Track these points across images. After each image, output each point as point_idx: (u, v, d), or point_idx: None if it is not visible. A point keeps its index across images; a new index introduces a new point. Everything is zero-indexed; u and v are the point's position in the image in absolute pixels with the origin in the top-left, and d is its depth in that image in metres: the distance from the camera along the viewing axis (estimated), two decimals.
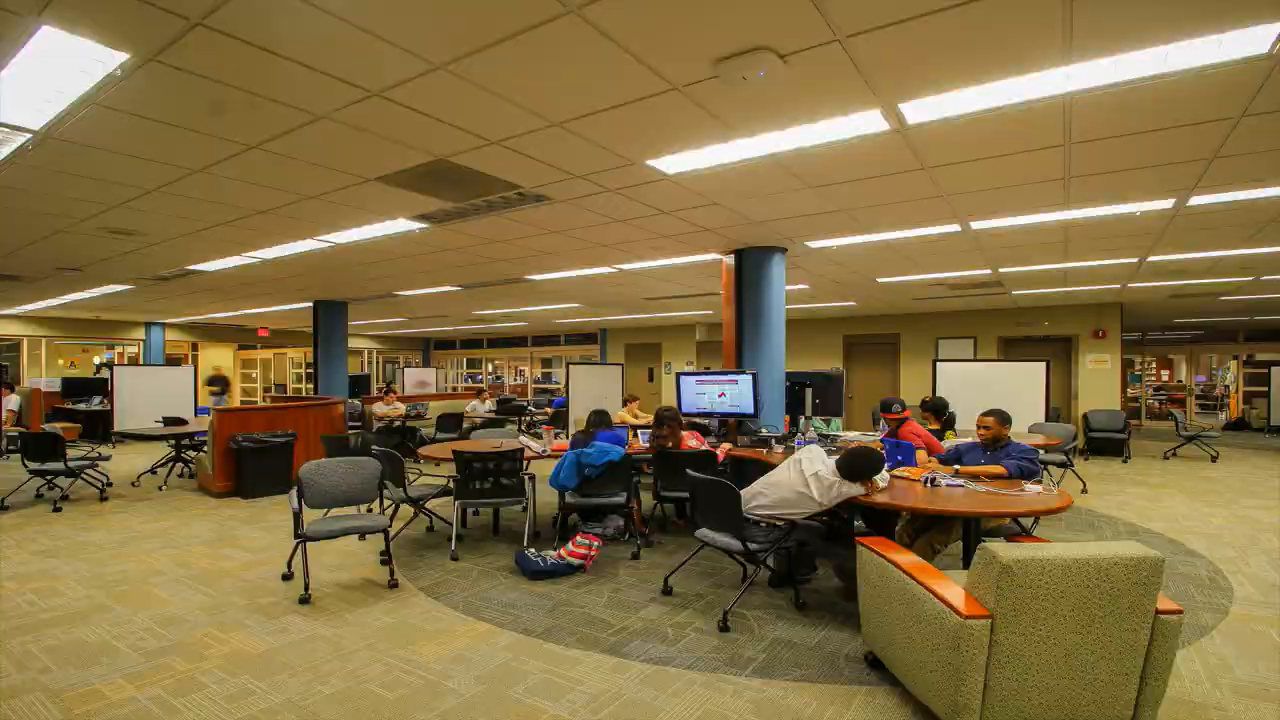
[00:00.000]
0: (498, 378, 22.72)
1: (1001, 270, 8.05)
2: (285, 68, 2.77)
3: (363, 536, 5.18)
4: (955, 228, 5.70)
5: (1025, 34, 2.53)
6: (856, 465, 3.62)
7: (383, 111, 3.23)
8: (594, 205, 5.00)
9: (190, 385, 9.92)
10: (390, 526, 4.34)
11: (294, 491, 4.14)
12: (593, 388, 9.11)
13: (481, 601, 3.98)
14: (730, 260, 6.77)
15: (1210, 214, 5.19)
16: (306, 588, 4.00)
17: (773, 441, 5.80)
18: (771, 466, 4.20)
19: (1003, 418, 4.32)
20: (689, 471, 4.09)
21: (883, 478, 3.76)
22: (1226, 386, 18.80)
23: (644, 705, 2.79)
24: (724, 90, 3.01)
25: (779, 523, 3.82)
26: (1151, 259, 7.19)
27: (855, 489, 3.62)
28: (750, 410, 6.24)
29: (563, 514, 5.28)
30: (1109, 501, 6.95)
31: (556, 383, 19.42)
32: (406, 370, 16.26)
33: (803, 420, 6.33)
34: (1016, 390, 8.20)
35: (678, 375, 7.08)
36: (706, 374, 6.82)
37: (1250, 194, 4.63)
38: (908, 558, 2.87)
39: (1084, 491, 7.42)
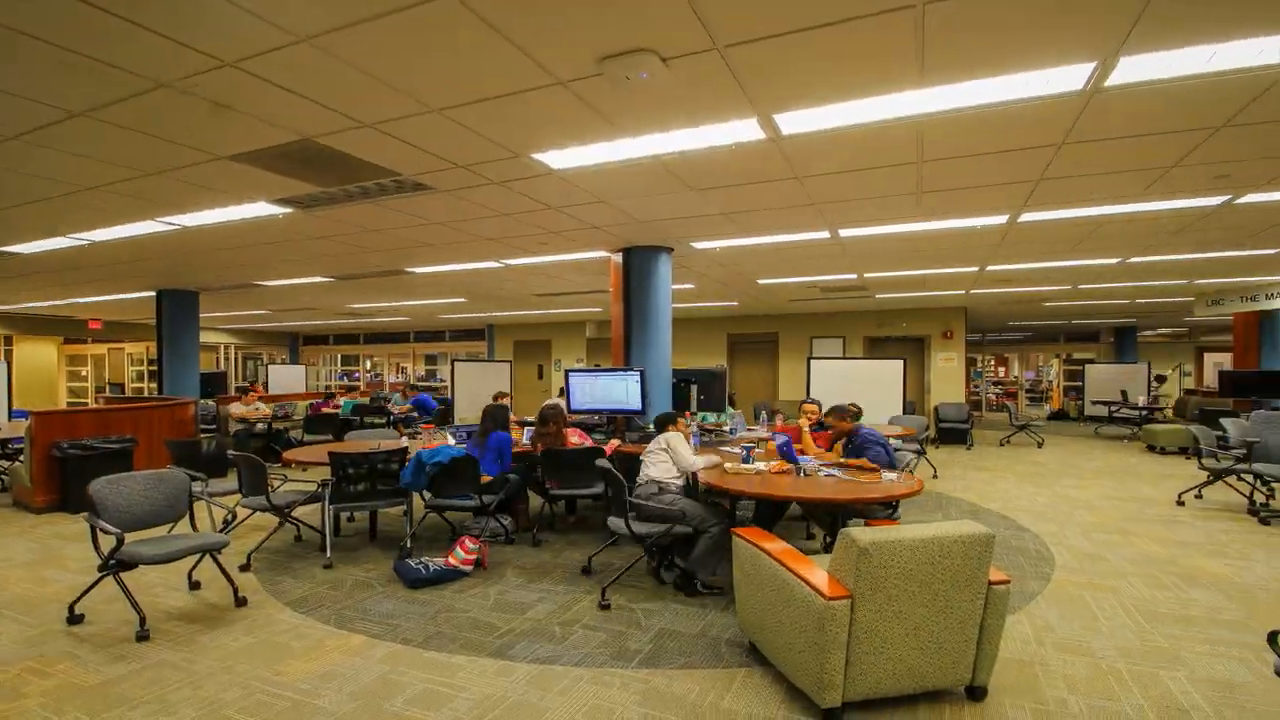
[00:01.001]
0: (376, 375, 21.55)
1: (866, 275, 8.70)
2: (114, 25, 2.46)
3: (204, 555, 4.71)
4: (825, 234, 6.08)
5: (885, 57, 2.73)
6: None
7: (237, 83, 2.95)
8: (478, 197, 4.86)
9: (3, 385, 8.62)
10: (228, 544, 3.89)
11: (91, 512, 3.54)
12: (475, 384, 8.86)
13: (356, 612, 3.76)
14: (618, 259, 6.82)
15: (1037, 229, 5.89)
16: (143, 624, 3.42)
17: None
18: None
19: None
20: (598, 463, 4.35)
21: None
22: (1050, 381, 21.49)
23: (530, 706, 2.75)
24: (608, 89, 3.02)
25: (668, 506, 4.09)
26: (990, 268, 8.05)
27: (691, 458, 4.20)
28: (638, 407, 6.32)
29: (432, 513, 5.20)
30: (955, 485, 7.71)
31: (442, 380, 18.70)
32: (271, 368, 14.99)
33: (688, 415, 6.49)
34: (879, 385, 8.95)
35: (567, 372, 7.05)
36: (596, 371, 6.83)
37: (1069, 213, 5.30)
38: (778, 545, 3.03)
39: (935, 476, 8.18)
